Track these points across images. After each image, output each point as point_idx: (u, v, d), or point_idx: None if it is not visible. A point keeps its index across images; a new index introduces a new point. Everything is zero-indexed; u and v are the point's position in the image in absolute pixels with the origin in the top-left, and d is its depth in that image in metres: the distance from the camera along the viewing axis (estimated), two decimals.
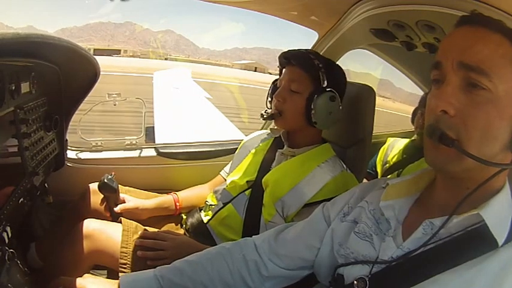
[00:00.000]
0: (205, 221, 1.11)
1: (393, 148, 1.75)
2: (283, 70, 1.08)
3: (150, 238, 0.97)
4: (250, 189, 1.07)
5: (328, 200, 0.86)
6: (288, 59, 1.05)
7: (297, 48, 1.09)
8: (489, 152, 0.50)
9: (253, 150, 1.17)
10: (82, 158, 1.35)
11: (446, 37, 0.55)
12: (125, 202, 1.12)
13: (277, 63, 1.10)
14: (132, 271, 0.90)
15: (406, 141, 1.72)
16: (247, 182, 1.09)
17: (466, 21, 0.52)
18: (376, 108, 1.16)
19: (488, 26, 0.50)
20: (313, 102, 0.98)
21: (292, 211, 0.97)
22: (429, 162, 0.55)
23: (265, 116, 1.08)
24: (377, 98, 1.18)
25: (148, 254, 0.94)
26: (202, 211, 1.16)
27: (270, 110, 1.09)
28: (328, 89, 0.99)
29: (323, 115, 0.99)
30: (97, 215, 1.07)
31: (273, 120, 1.09)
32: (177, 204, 1.20)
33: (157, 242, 0.96)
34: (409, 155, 1.61)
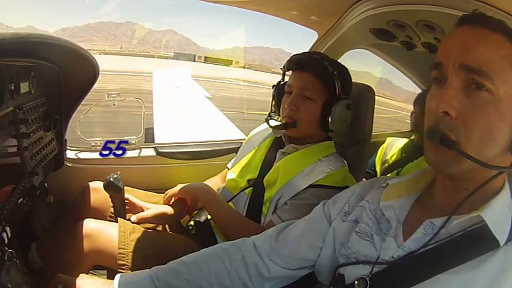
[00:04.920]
0: (208, 218, 1.10)
1: (392, 147, 1.75)
2: (292, 74, 1.04)
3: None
4: (251, 188, 1.07)
5: (326, 187, 0.85)
6: (301, 65, 1.01)
7: (306, 52, 1.06)
8: (488, 154, 0.50)
9: (256, 147, 1.17)
10: (81, 157, 1.35)
11: (447, 37, 0.54)
12: (129, 202, 1.10)
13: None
14: (130, 271, 0.90)
15: (404, 140, 1.72)
16: (248, 181, 1.09)
17: (467, 21, 0.52)
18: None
19: (490, 26, 0.50)
20: (331, 112, 0.97)
21: (286, 198, 0.97)
22: (429, 162, 0.55)
23: (276, 125, 1.06)
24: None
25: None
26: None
27: (275, 115, 1.09)
28: (343, 97, 0.99)
29: (341, 123, 1.00)
30: (97, 214, 1.06)
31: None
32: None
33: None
34: (408, 154, 1.61)
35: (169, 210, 1.10)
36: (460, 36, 0.52)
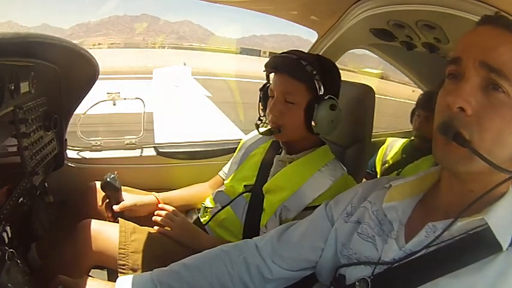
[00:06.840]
0: (203, 223, 1.10)
1: (392, 148, 1.75)
2: (273, 77, 1.00)
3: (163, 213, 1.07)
4: (249, 193, 1.05)
5: None
6: (277, 68, 0.97)
7: (284, 53, 1.00)
8: (499, 157, 0.49)
9: (251, 153, 1.15)
10: (82, 157, 1.35)
11: (468, 33, 0.53)
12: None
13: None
14: (131, 271, 0.91)
15: (405, 141, 1.72)
16: (245, 186, 1.08)
17: (489, 21, 0.51)
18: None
19: (511, 29, 0.49)
20: (314, 114, 0.93)
21: (292, 215, 0.95)
22: (438, 159, 0.54)
23: (263, 131, 1.03)
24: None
25: (157, 220, 1.06)
26: (200, 213, 1.15)
27: (264, 119, 1.07)
28: (326, 97, 0.94)
29: (325, 125, 0.95)
30: (97, 214, 1.06)
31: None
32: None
33: (166, 220, 1.05)
34: (408, 155, 1.61)
35: (150, 200, 1.13)
36: (483, 34, 0.51)
